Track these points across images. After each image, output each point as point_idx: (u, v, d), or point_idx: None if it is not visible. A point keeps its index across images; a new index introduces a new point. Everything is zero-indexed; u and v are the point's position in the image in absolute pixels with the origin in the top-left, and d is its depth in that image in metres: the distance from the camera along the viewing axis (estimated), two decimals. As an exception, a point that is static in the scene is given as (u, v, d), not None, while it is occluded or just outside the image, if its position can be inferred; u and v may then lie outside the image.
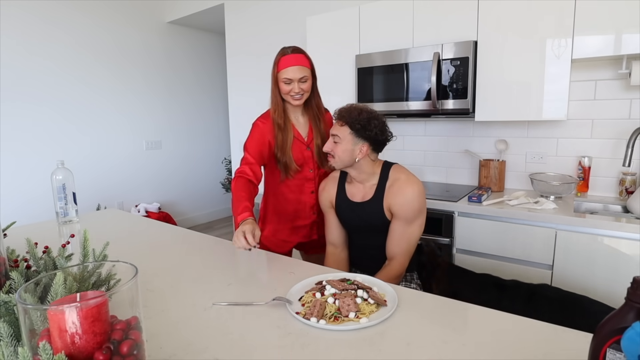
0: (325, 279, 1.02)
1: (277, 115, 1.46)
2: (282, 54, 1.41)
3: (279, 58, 1.41)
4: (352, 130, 1.29)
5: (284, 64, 1.39)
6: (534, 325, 0.81)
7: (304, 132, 1.54)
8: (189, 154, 4.48)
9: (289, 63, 1.38)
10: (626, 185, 1.91)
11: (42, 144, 3.31)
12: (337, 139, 1.31)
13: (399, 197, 1.30)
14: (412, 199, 1.30)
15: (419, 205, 1.32)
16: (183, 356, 0.73)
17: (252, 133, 1.49)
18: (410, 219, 1.31)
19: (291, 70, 1.38)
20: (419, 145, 2.58)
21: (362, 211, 1.37)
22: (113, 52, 3.70)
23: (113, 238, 1.15)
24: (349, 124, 1.29)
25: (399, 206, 1.30)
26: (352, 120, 1.29)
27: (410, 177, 1.34)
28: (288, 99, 1.44)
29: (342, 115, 1.32)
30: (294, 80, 1.39)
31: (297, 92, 1.41)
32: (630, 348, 0.47)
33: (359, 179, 1.38)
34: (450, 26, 2.03)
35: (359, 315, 0.86)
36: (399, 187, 1.32)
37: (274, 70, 1.42)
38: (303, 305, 0.92)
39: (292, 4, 3.05)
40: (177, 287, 1.05)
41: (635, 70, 1.72)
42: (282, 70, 1.39)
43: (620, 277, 1.55)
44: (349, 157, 1.32)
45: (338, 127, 1.32)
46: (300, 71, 1.39)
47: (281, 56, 1.41)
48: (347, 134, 1.30)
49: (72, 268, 0.72)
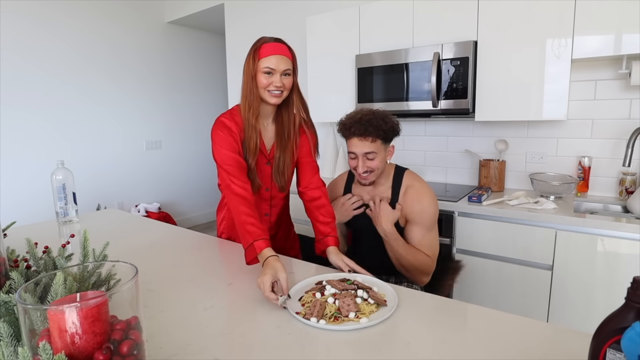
0: (325, 279, 1.02)
1: (252, 113, 1.22)
2: (262, 42, 1.20)
3: (259, 45, 1.20)
4: (383, 140, 1.31)
5: (265, 51, 1.18)
6: (534, 325, 0.81)
7: (269, 144, 1.32)
8: (189, 154, 4.48)
9: (272, 51, 1.18)
10: (626, 185, 1.91)
11: (42, 144, 3.31)
12: (373, 155, 1.30)
13: (417, 204, 1.34)
14: (429, 205, 1.34)
15: (435, 211, 1.36)
16: (183, 356, 0.73)
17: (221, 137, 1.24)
18: (429, 225, 1.35)
19: (274, 59, 1.17)
20: (419, 145, 2.58)
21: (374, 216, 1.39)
22: (113, 52, 3.69)
23: (113, 238, 1.15)
24: (381, 137, 1.29)
25: (418, 214, 1.34)
26: (383, 133, 1.29)
27: (424, 184, 1.38)
28: (265, 95, 1.21)
29: (369, 131, 1.28)
30: (276, 72, 1.18)
31: (278, 86, 1.18)
32: (630, 348, 0.47)
33: (375, 184, 1.40)
34: (450, 26, 2.03)
35: (359, 315, 0.86)
36: (416, 194, 1.35)
37: (252, 61, 1.20)
38: (303, 305, 0.92)
39: (292, 4, 3.05)
40: (177, 287, 1.05)
41: (635, 70, 1.72)
42: (264, 59, 1.17)
43: (620, 277, 1.55)
44: (385, 163, 1.36)
45: (369, 144, 1.29)
46: (283, 62, 1.18)
47: (261, 44, 1.19)
48: (380, 144, 1.31)
49: (72, 268, 0.72)
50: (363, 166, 1.32)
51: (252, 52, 1.21)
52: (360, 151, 1.31)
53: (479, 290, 1.90)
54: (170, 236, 1.56)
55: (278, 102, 1.23)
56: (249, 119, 1.23)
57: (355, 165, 1.35)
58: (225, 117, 1.27)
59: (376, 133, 1.28)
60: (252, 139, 1.24)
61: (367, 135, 1.28)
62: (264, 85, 1.19)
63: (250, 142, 1.24)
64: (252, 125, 1.23)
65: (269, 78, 1.18)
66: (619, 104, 1.93)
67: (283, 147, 1.30)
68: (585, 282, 1.63)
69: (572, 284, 1.66)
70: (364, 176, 1.34)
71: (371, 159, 1.31)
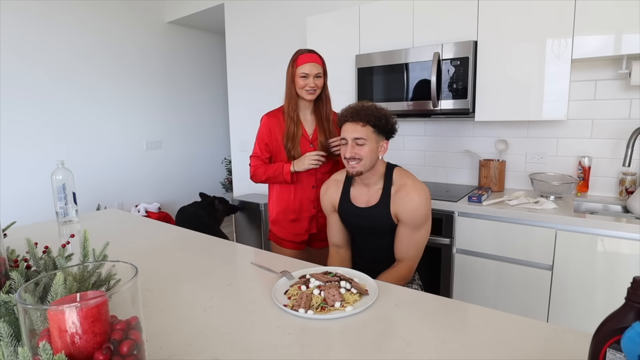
0: (309, 273, 1.06)
1: (291, 108, 1.62)
2: (299, 53, 1.59)
3: (296, 56, 1.59)
4: (374, 128, 1.29)
5: (301, 60, 1.57)
6: (534, 325, 0.81)
7: (310, 130, 1.68)
8: (189, 154, 4.48)
9: (307, 60, 1.57)
10: (626, 185, 1.91)
11: (42, 144, 3.31)
12: (362, 141, 1.28)
13: (407, 203, 1.30)
14: (419, 205, 1.29)
15: (426, 211, 1.31)
16: (183, 356, 0.73)
17: (260, 129, 1.69)
18: (418, 225, 1.31)
19: (308, 66, 1.56)
20: (419, 145, 2.58)
21: (368, 216, 1.36)
22: (113, 52, 3.69)
23: (113, 238, 1.15)
24: (371, 123, 1.28)
25: (407, 213, 1.30)
26: (374, 118, 1.28)
27: (416, 183, 1.33)
28: (303, 93, 1.59)
29: (360, 115, 1.29)
30: (310, 75, 1.56)
31: (312, 86, 1.57)
32: (630, 348, 0.47)
33: (366, 182, 1.37)
34: (450, 26, 2.03)
35: (344, 304, 0.90)
36: (406, 193, 1.31)
37: (291, 68, 1.59)
38: (289, 298, 0.95)
39: (292, 4, 3.05)
40: (177, 287, 1.05)
41: (635, 70, 1.72)
42: (300, 66, 1.56)
43: (620, 277, 1.55)
44: (375, 157, 1.32)
45: (359, 128, 1.28)
46: (315, 67, 1.57)
47: (299, 55, 1.59)
48: (371, 132, 1.29)
49: (72, 268, 0.72)
50: (351, 151, 1.29)
51: (291, 61, 1.59)
52: (350, 135, 1.30)
53: (479, 290, 1.90)
54: (170, 236, 1.56)
55: (313, 98, 1.61)
56: (289, 112, 1.62)
57: (344, 152, 1.33)
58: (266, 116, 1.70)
59: (367, 118, 1.28)
60: (291, 128, 1.62)
61: (358, 119, 1.29)
62: (301, 86, 1.58)
63: (290, 131, 1.62)
64: (292, 118, 1.62)
65: (305, 80, 1.57)
66: (619, 104, 1.93)
67: (323, 130, 1.67)
68: (585, 282, 1.63)
69: (572, 284, 1.66)
70: (351, 164, 1.31)
71: (360, 145, 1.28)
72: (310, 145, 1.67)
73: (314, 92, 1.59)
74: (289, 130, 1.62)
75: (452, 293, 1.97)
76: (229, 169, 4.49)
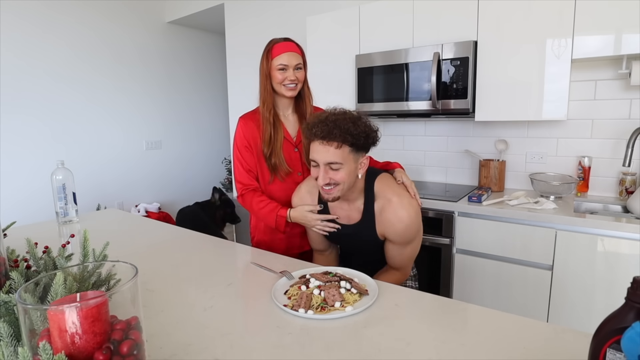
0: (309, 273, 1.06)
1: (266, 108, 1.36)
2: (273, 43, 1.35)
3: (270, 46, 1.35)
4: (352, 147, 1.08)
5: (277, 50, 1.33)
6: (534, 325, 0.81)
7: (293, 132, 1.44)
8: (189, 154, 4.48)
9: (283, 49, 1.33)
10: (626, 185, 1.91)
11: (42, 144, 3.31)
12: (337, 166, 1.07)
13: (396, 224, 1.15)
14: (409, 224, 1.15)
15: (417, 227, 1.19)
16: (183, 356, 0.73)
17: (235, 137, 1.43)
18: (409, 241, 1.20)
19: (286, 56, 1.32)
20: (419, 145, 2.58)
21: (350, 234, 1.25)
22: (113, 52, 3.69)
23: (113, 238, 1.15)
24: (348, 142, 1.06)
25: (397, 234, 1.17)
26: (351, 137, 1.06)
27: (403, 199, 1.16)
28: (281, 90, 1.35)
29: (334, 134, 1.05)
30: (289, 67, 1.32)
31: (292, 79, 1.33)
32: (630, 348, 0.47)
33: (346, 198, 1.19)
34: (450, 26, 2.03)
35: (344, 304, 0.90)
36: (393, 213, 1.15)
37: (266, 61, 1.35)
38: (289, 298, 0.95)
39: (292, 4, 3.05)
40: (177, 287, 1.05)
41: (635, 70, 1.72)
42: (277, 57, 1.32)
43: (620, 277, 1.55)
44: (354, 177, 1.12)
45: (333, 150, 1.06)
46: (295, 57, 1.34)
47: (273, 44, 1.34)
48: (348, 153, 1.08)
49: (72, 268, 0.72)
50: (324, 177, 1.08)
51: (265, 53, 1.35)
52: (322, 159, 1.08)
53: (479, 290, 1.90)
54: (170, 236, 1.56)
55: (294, 94, 1.37)
56: (265, 113, 1.37)
57: (316, 176, 1.12)
58: (242, 119, 1.43)
59: (342, 137, 1.05)
60: (267, 133, 1.37)
61: (330, 138, 1.05)
62: (280, 81, 1.34)
63: (266, 135, 1.37)
64: (267, 120, 1.37)
65: (284, 73, 1.33)
66: (619, 104, 1.93)
67: None
68: (585, 282, 1.63)
69: (572, 284, 1.66)
70: (326, 189, 1.11)
71: (335, 170, 1.08)
72: (295, 149, 1.42)
73: (295, 86, 1.35)
74: (265, 135, 1.36)
75: (452, 293, 1.97)
76: (229, 169, 4.49)
